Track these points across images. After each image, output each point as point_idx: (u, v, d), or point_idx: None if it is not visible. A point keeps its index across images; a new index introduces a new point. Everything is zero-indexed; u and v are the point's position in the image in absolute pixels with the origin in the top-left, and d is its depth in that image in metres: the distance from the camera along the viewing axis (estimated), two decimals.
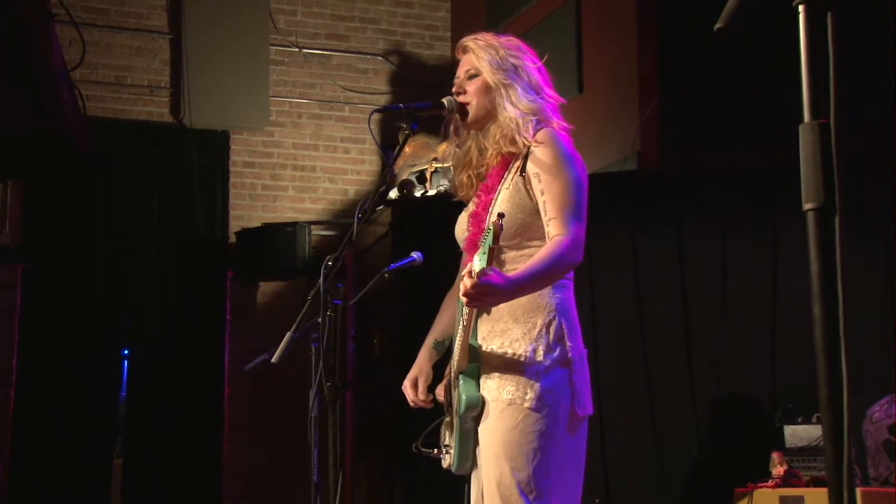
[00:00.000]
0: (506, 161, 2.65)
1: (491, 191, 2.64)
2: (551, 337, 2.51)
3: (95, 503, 6.24)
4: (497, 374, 2.52)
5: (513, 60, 2.66)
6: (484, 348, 2.55)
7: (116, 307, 6.47)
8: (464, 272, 2.33)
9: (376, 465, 5.90)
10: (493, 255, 2.32)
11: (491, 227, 2.28)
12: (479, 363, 2.54)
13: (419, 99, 2.75)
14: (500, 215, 2.32)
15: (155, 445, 6.38)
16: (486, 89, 2.66)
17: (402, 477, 5.28)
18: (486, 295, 2.33)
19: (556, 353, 2.51)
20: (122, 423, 6.48)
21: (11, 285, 6.35)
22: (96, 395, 6.34)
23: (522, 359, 2.49)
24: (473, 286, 2.28)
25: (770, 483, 4.10)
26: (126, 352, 6.57)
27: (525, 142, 2.58)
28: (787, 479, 4.09)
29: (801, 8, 1.44)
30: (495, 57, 2.66)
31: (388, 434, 5.47)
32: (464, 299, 2.35)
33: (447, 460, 2.66)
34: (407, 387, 2.76)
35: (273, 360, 3.00)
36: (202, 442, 6.48)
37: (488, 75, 2.65)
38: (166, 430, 6.38)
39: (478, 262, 2.29)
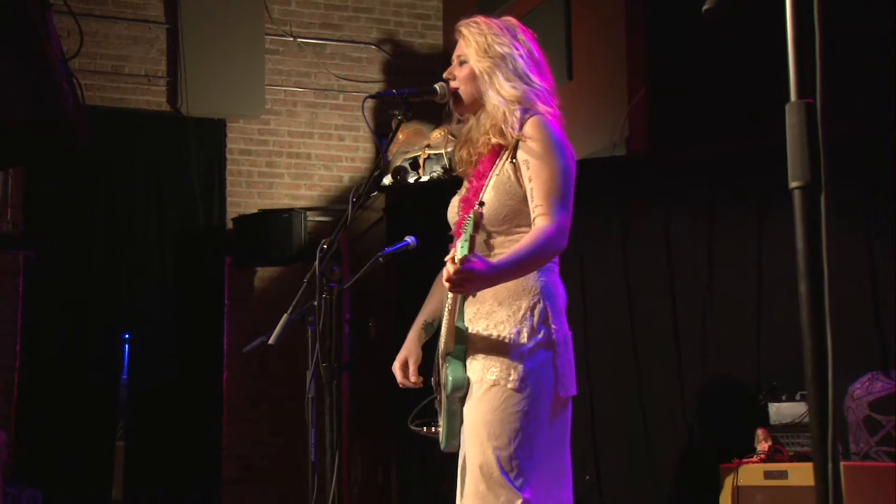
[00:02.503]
0: (497, 149, 2.66)
1: (482, 177, 2.66)
2: (535, 319, 2.53)
3: (98, 485, 6.30)
4: (482, 356, 2.54)
5: (499, 48, 2.66)
6: (470, 330, 2.57)
7: (116, 293, 6.52)
8: (447, 258, 2.36)
9: (372, 444, 5.93)
10: (475, 242, 2.33)
11: (471, 216, 2.31)
12: (466, 345, 2.56)
13: (412, 87, 2.77)
14: (481, 203, 2.35)
15: (156, 428, 6.44)
16: (473, 77, 2.68)
17: (397, 456, 5.33)
18: (469, 281, 2.36)
19: (540, 336, 2.53)
20: (124, 407, 6.54)
21: (14, 272, 6.41)
22: (98, 378, 6.39)
23: (507, 340, 2.51)
24: (456, 272, 2.31)
25: (755, 459, 4.13)
26: (127, 336, 6.62)
27: (513, 133, 2.60)
28: (772, 455, 4.11)
29: None
30: (483, 44, 2.66)
31: (383, 414, 5.51)
32: (447, 285, 2.38)
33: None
34: (396, 368, 2.77)
35: (270, 341, 2.98)
36: (202, 424, 6.54)
37: (474, 63, 2.67)
38: (167, 413, 6.44)
39: (460, 249, 2.32)
